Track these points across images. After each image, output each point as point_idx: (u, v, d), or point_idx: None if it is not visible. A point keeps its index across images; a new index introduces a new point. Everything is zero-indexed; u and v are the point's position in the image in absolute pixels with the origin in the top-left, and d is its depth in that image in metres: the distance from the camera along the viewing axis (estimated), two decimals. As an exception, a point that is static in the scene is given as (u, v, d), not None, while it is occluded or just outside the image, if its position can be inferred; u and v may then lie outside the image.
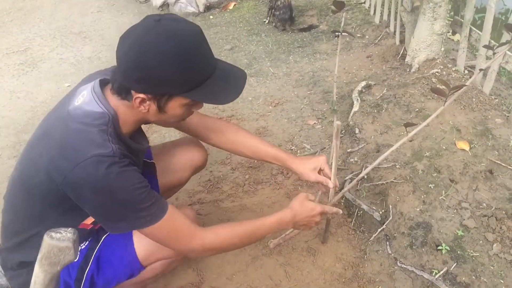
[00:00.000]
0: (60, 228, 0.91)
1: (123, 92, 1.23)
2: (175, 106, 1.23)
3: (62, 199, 1.26)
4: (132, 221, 1.25)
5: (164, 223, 1.28)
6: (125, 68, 1.18)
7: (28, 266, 1.39)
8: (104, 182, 1.17)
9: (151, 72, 1.14)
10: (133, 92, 1.20)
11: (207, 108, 3.27)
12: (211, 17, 5.55)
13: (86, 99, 1.26)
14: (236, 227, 1.46)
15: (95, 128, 1.22)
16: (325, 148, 2.69)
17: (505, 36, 2.42)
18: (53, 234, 0.89)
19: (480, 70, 1.69)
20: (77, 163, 1.16)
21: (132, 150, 1.33)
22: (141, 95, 1.19)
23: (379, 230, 2.03)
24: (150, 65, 1.13)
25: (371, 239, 2.02)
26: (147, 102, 1.21)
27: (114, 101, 1.27)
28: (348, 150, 2.57)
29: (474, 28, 2.83)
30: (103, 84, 1.32)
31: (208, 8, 5.75)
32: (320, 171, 1.70)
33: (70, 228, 0.92)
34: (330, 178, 1.69)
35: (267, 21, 5.09)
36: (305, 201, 1.59)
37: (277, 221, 1.51)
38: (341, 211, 1.72)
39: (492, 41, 2.68)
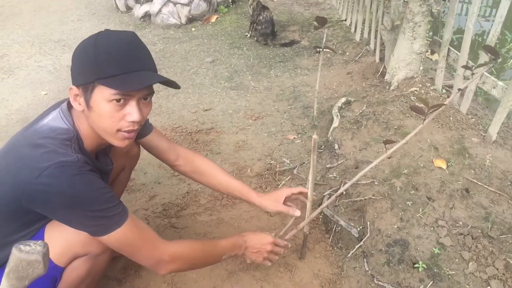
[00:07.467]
0: (29, 241, 0.87)
1: None
2: (98, 100, 1.24)
3: (22, 214, 1.27)
4: (102, 221, 1.25)
5: (128, 227, 1.29)
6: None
7: None
8: (70, 183, 1.19)
9: (76, 58, 1.26)
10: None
11: (186, 120, 3.25)
12: (193, 29, 5.55)
13: (53, 117, 1.34)
14: (196, 242, 1.53)
15: (59, 142, 1.26)
16: (304, 163, 2.69)
17: (482, 57, 2.46)
18: (22, 246, 0.85)
19: (459, 90, 1.71)
20: (42, 171, 1.16)
21: (96, 169, 1.34)
22: (74, 88, 1.27)
23: (357, 246, 2.02)
24: (77, 52, 1.27)
25: (349, 255, 2.01)
26: (79, 97, 1.28)
27: (77, 119, 1.35)
28: (327, 166, 2.57)
29: (452, 48, 2.88)
30: (71, 106, 1.36)
31: (191, 20, 5.76)
32: (288, 198, 1.79)
33: (40, 241, 0.88)
34: (306, 197, 1.75)
35: (249, 35, 5.12)
36: (258, 231, 1.72)
37: (231, 243, 1.60)
38: (289, 245, 1.79)
39: (470, 62, 2.73)
